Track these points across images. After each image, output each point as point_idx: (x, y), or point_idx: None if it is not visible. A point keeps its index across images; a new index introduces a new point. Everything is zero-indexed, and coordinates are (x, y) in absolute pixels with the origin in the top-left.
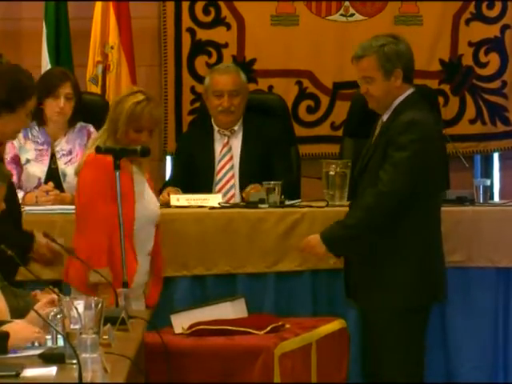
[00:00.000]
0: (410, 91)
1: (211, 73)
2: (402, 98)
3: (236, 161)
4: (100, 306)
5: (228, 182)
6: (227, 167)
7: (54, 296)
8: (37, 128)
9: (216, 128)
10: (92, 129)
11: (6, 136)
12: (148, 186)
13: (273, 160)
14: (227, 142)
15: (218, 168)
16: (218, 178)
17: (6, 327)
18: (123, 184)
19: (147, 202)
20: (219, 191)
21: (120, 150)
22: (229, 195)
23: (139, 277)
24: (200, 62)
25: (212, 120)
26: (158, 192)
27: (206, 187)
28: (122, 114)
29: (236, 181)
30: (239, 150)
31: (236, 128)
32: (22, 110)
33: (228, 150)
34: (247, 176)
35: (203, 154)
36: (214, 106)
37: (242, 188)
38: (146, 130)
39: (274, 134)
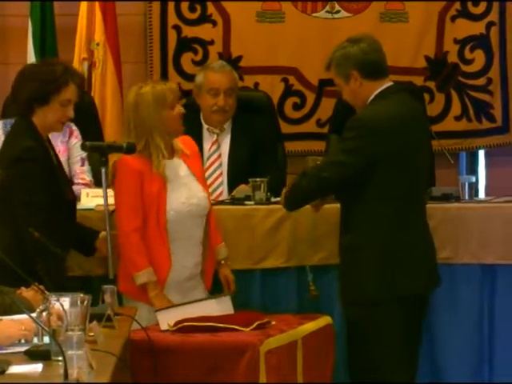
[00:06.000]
0: (382, 87)
1: (205, 70)
2: (374, 94)
3: (224, 159)
4: (86, 303)
5: (216, 179)
6: (216, 165)
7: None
8: None
9: (205, 126)
10: (74, 127)
11: (48, 128)
12: (192, 175)
13: (260, 157)
14: (216, 140)
15: (206, 166)
16: (206, 175)
17: None
18: (152, 182)
19: (185, 194)
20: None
21: (106, 146)
22: (217, 193)
23: (183, 270)
24: (186, 59)
25: (201, 118)
26: None
27: None
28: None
29: (224, 179)
30: (228, 148)
31: (226, 126)
32: (56, 100)
33: (217, 148)
34: (236, 174)
35: None
36: (208, 105)
37: (231, 186)
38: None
39: (262, 131)
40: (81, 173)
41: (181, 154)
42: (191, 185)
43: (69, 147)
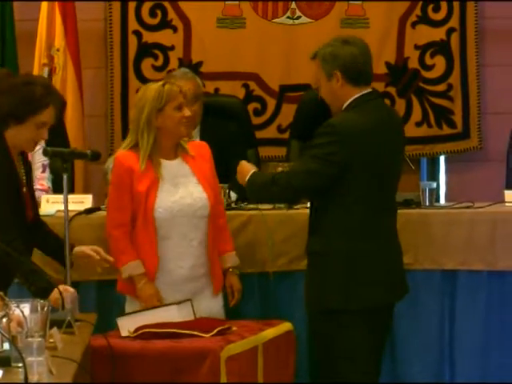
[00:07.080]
0: (358, 94)
1: (168, 79)
2: (351, 99)
3: None
4: (46, 309)
5: None
6: None
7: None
8: None
9: None
10: None
11: (20, 146)
12: (193, 176)
13: (228, 162)
14: None
15: None
16: None
17: None
18: (142, 180)
19: (180, 194)
20: None
21: (68, 153)
22: None
23: (180, 270)
24: (146, 65)
25: None
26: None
27: None
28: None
29: None
30: None
31: (194, 133)
32: (31, 121)
33: None
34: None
35: None
36: None
37: None
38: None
39: (230, 136)
40: (40, 179)
41: (184, 156)
42: (189, 185)
43: (32, 153)
